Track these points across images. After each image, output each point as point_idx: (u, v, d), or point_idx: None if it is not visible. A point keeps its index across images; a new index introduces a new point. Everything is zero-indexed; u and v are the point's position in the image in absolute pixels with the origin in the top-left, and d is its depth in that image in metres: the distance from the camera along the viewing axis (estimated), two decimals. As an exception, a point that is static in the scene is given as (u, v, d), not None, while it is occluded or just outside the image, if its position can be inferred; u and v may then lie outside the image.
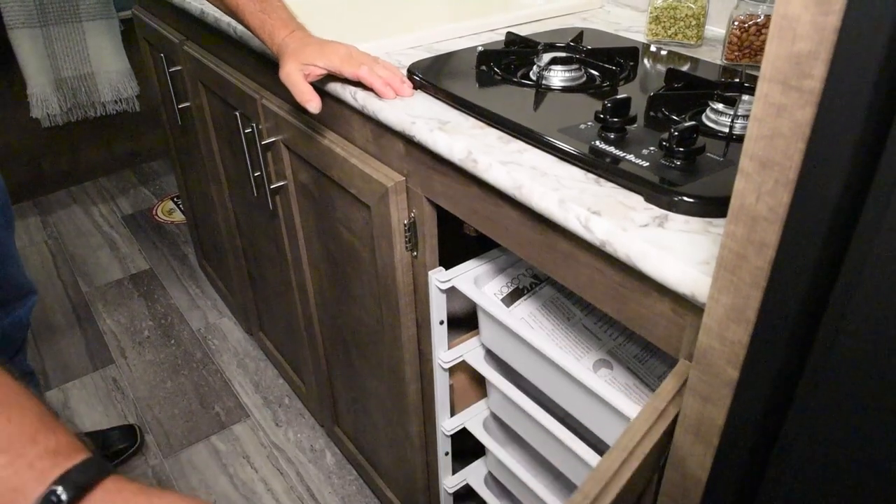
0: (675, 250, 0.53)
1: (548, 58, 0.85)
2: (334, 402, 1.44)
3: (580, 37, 0.97)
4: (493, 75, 0.87)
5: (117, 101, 2.57)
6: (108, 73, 2.50)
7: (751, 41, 0.90)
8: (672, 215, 0.58)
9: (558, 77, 0.84)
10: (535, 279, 0.91)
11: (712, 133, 0.70)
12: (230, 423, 1.67)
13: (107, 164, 2.78)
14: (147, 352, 1.89)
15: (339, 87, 0.89)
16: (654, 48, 0.99)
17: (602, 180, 0.64)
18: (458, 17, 1.39)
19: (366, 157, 0.92)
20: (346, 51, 0.85)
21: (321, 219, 1.10)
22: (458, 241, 0.95)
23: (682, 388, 0.53)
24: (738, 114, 0.70)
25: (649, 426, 0.53)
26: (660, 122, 0.73)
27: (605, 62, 0.88)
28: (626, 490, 0.50)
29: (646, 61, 0.94)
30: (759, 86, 0.37)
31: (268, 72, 1.11)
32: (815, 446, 0.43)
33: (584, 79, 0.86)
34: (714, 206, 0.58)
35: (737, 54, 0.91)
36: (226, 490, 1.50)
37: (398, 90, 0.83)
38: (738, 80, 0.79)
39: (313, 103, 0.83)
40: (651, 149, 0.66)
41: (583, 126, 0.71)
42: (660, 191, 0.59)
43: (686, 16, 0.98)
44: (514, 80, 0.85)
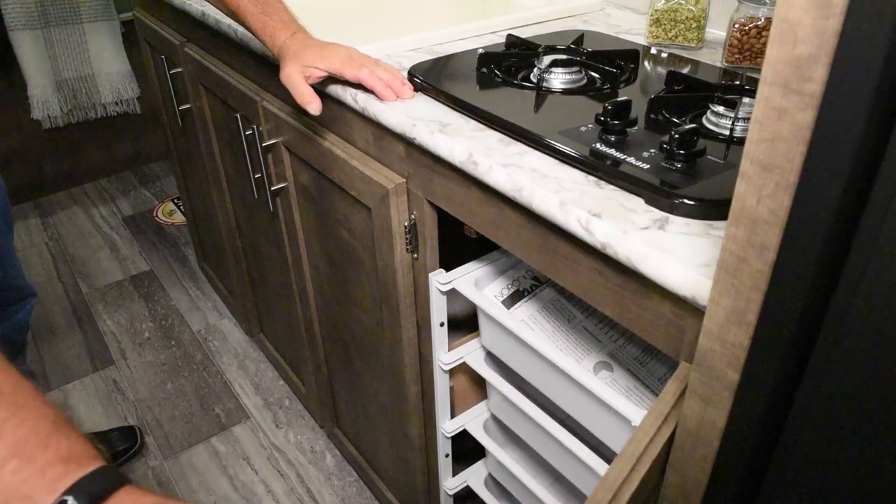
0: (676, 253, 0.53)
1: (548, 60, 0.85)
2: (334, 404, 1.44)
3: (581, 39, 0.97)
4: (493, 77, 0.87)
5: (118, 103, 2.58)
6: (109, 74, 2.50)
7: (751, 44, 0.90)
8: (673, 218, 0.58)
9: (559, 79, 0.84)
10: (535, 281, 0.91)
11: (713, 136, 0.70)
12: (230, 424, 1.67)
13: (107, 165, 2.78)
14: (147, 353, 1.89)
15: (339, 90, 0.89)
16: (654, 50, 0.99)
17: (603, 183, 0.64)
18: (458, 20, 1.39)
19: (366, 158, 0.92)
20: (346, 53, 0.85)
21: (322, 220, 1.11)
22: (459, 242, 0.95)
23: (684, 392, 0.53)
24: (739, 116, 0.70)
25: (655, 431, 0.53)
26: (660, 124, 0.73)
27: (605, 64, 0.88)
28: (634, 497, 0.50)
29: (646, 64, 0.94)
30: (760, 89, 0.37)
31: (268, 74, 1.12)
32: (816, 449, 0.43)
33: (585, 81, 0.86)
34: (715, 208, 0.58)
35: (737, 57, 0.91)
36: (226, 492, 1.50)
37: (399, 92, 0.83)
38: (738, 82, 0.80)
39: (314, 105, 0.83)
40: (652, 151, 0.66)
41: (583, 128, 0.71)
42: (660, 193, 0.59)
43: (686, 18, 0.98)
44: (515, 82, 0.85)
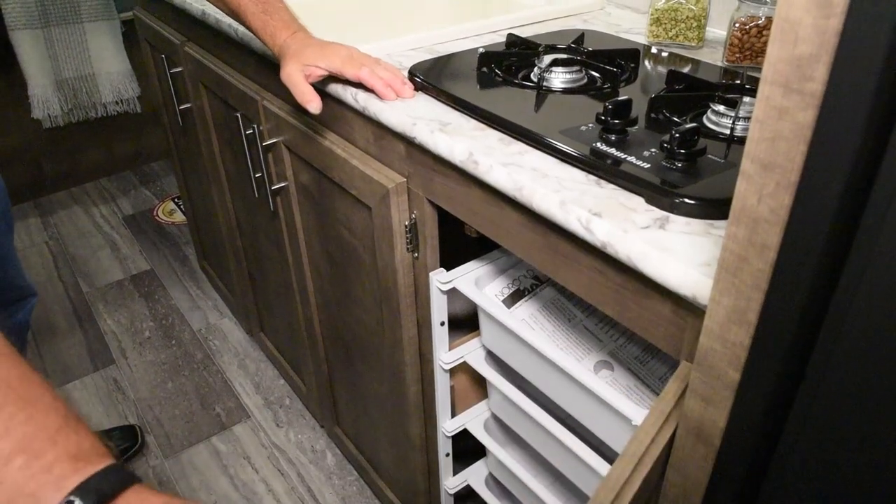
0: (676, 252, 0.53)
1: (549, 59, 0.85)
2: (335, 403, 1.44)
3: (581, 38, 0.97)
4: (494, 77, 0.87)
5: (118, 102, 2.58)
6: (110, 74, 2.50)
7: (752, 43, 0.90)
8: (673, 217, 0.58)
9: (559, 79, 0.84)
10: (535, 280, 0.91)
11: (713, 135, 0.70)
12: (231, 423, 1.67)
13: (108, 164, 2.78)
14: (148, 352, 1.89)
15: (339, 89, 0.89)
16: (654, 50, 0.99)
17: (603, 182, 0.64)
18: (459, 19, 1.39)
19: (367, 158, 0.92)
20: (347, 52, 0.85)
21: (322, 220, 1.11)
22: (459, 242, 0.95)
23: (685, 391, 0.53)
24: (740, 116, 0.70)
25: (656, 431, 0.53)
26: (661, 123, 0.73)
27: (606, 64, 0.88)
28: (637, 497, 0.50)
29: (647, 63, 0.94)
30: (761, 88, 0.37)
31: (269, 73, 1.12)
32: (816, 448, 0.43)
33: (585, 80, 0.86)
34: (715, 207, 0.58)
35: (738, 56, 0.91)
36: (226, 491, 1.50)
37: (399, 92, 0.83)
38: (739, 81, 0.80)
39: (314, 104, 0.83)
40: (652, 150, 0.66)
41: (584, 128, 0.71)
42: (661, 192, 0.59)
43: (687, 17, 0.98)
44: (515, 81, 0.85)
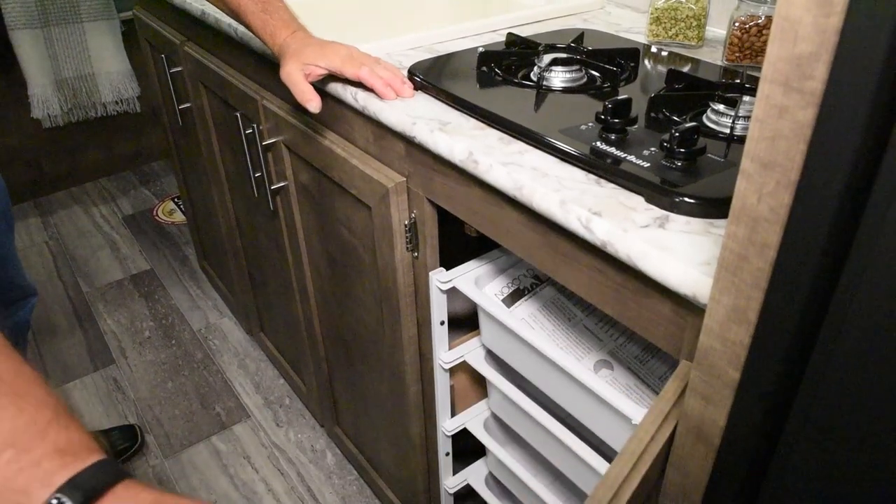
0: (676, 251, 0.53)
1: (548, 59, 0.85)
2: (335, 403, 1.44)
3: (581, 38, 0.97)
4: (493, 76, 0.87)
5: (118, 102, 2.58)
6: (109, 73, 2.50)
7: (752, 42, 0.90)
8: (673, 216, 0.58)
9: (559, 78, 0.84)
10: (535, 280, 0.91)
11: (713, 134, 0.70)
12: (231, 423, 1.67)
13: (107, 164, 2.78)
14: (148, 352, 1.89)
15: (339, 88, 0.89)
16: (654, 49, 0.99)
17: (603, 181, 0.64)
18: (458, 18, 1.39)
19: (366, 157, 0.92)
20: (347, 51, 0.85)
21: (322, 219, 1.11)
22: (459, 241, 0.95)
23: (684, 390, 0.53)
24: (740, 115, 0.70)
25: (656, 430, 0.53)
26: (661, 123, 0.73)
27: (605, 63, 0.88)
28: (635, 495, 0.50)
29: (646, 62, 0.94)
30: (761, 87, 0.37)
31: (268, 72, 1.11)
32: (816, 447, 0.43)
33: (585, 80, 0.86)
34: (715, 207, 0.58)
35: (738, 55, 0.91)
36: (226, 490, 1.50)
37: (399, 91, 0.83)
38: (738, 81, 0.79)
39: (314, 103, 0.83)
40: (652, 150, 0.66)
41: (584, 127, 0.71)
42: (661, 192, 0.59)
43: (687, 17, 0.98)
44: (515, 80, 0.85)
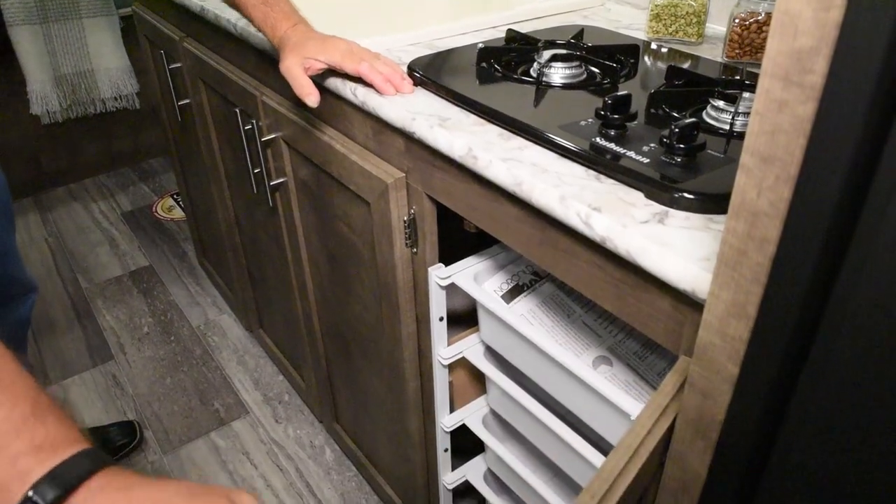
0: (676, 247, 0.53)
1: (548, 55, 0.85)
2: (334, 399, 1.44)
3: (581, 34, 0.97)
4: (493, 72, 0.87)
5: (117, 98, 2.57)
6: (108, 69, 2.50)
7: (752, 39, 0.90)
8: (672, 212, 0.58)
9: (559, 74, 0.84)
10: (534, 276, 0.91)
11: (713, 130, 0.70)
12: (230, 419, 1.67)
13: (106, 161, 2.78)
14: (147, 348, 1.89)
15: (339, 83, 0.89)
16: (654, 46, 0.99)
17: (602, 177, 0.64)
18: (458, 15, 1.39)
19: (366, 153, 0.92)
20: (347, 46, 0.85)
21: (321, 215, 1.10)
22: (458, 237, 0.95)
23: (683, 385, 0.53)
24: (739, 111, 0.70)
25: (653, 424, 0.53)
26: (660, 119, 0.73)
27: (605, 59, 0.88)
28: (631, 488, 0.50)
29: (646, 59, 0.94)
30: (761, 81, 0.37)
31: (268, 68, 1.11)
32: (816, 442, 0.43)
33: (585, 76, 0.86)
34: (715, 202, 0.58)
35: (737, 52, 0.91)
36: (227, 486, 1.50)
37: (398, 87, 0.83)
38: (738, 77, 0.80)
39: (312, 97, 0.84)
40: (652, 145, 0.66)
41: (583, 123, 0.71)
42: (660, 187, 0.59)
43: (687, 13, 0.98)
44: (515, 77, 0.85)
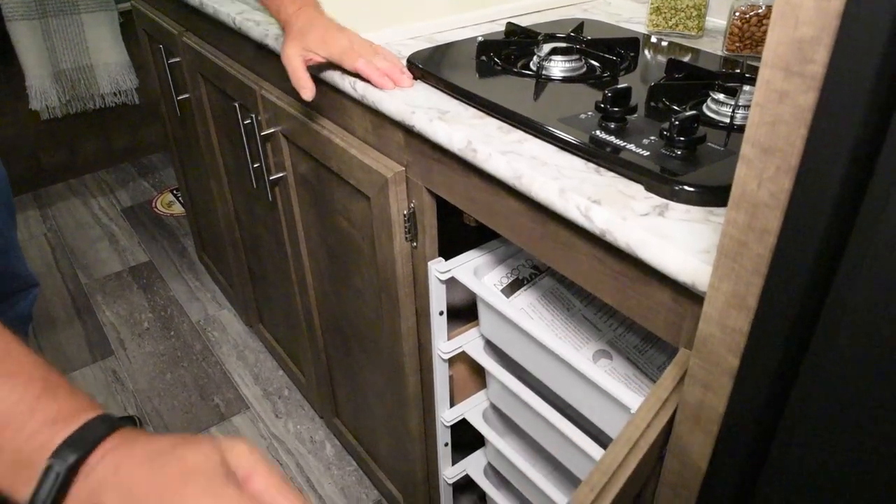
0: (676, 239, 0.53)
1: (548, 48, 0.85)
2: (334, 394, 1.44)
3: (580, 27, 0.96)
4: (493, 66, 0.86)
5: (116, 94, 2.57)
6: (107, 65, 2.49)
7: (752, 32, 0.89)
8: (672, 204, 0.58)
9: (558, 67, 0.83)
10: (534, 270, 0.91)
11: (713, 123, 0.70)
12: (230, 414, 1.67)
13: (106, 156, 2.77)
14: (147, 344, 1.89)
15: (337, 77, 0.88)
16: (654, 39, 0.99)
17: (602, 170, 0.64)
18: (458, 8, 1.38)
19: (365, 147, 0.92)
20: (348, 42, 0.85)
21: (321, 210, 1.10)
22: (458, 231, 0.95)
23: (683, 377, 0.53)
24: (739, 104, 0.69)
25: (652, 416, 0.53)
26: (660, 112, 0.73)
27: (605, 53, 0.88)
28: (631, 481, 0.50)
29: (646, 52, 0.94)
30: (762, 72, 0.37)
31: (267, 62, 1.11)
32: (816, 434, 0.43)
33: (585, 69, 0.85)
34: (715, 195, 0.58)
35: (738, 45, 0.91)
36: (226, 481, 1.51)
37: (397, 81, 0.83)
38: (738, 70, 0.79)
39: (307, 91, 0.86)
40: (652, 138, 0.66)
41: (583, 116, 0.71)
42: (660, 180, 0.59)
43: (687, 6, 0.98)
44: (515, 70, 0.85)
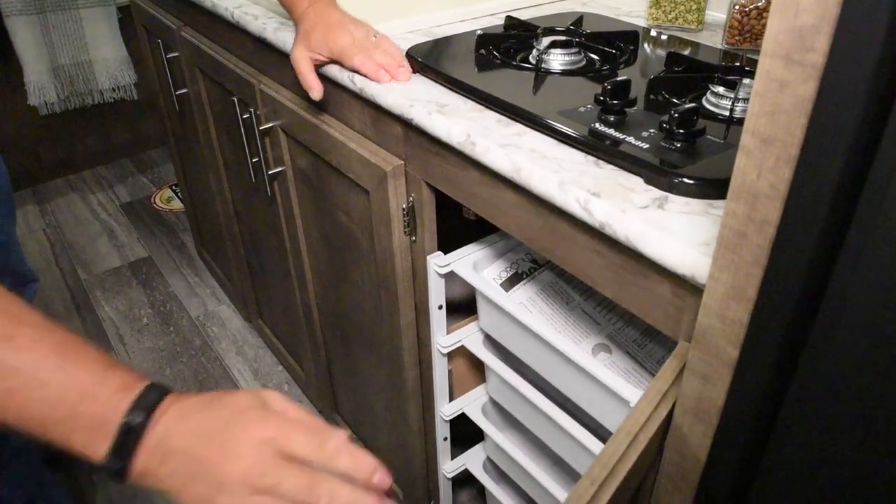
0: (675, 231, 0.53)
1: (547, 41, 0.85)
2: (333, 389, 1.44)
3: (580, 21, 0.96)
4: (492, 59, 0.86)
5: (115, 89, 2.56)
6: (106, 60, 2.49)
7: (752, 25, 0.89)
8: (672, 197, 0.58)
9: (558, 60, 0.83)
10: (534, 264, 0.91)
11: (713, 116, 0.69)
12: (229, 410, 1.67)
13: (105, 152, 2.77)
14: (146, 339, 1.89)
15: (336, 71, 0.88)
16: (654, 33, 0.99)
17: (602, 162, 0.64)
18: (457, 2, 1.38)
19: (364, 141, 0.92)
20: (349, 39, 0.85)
21: (320, 205, 1.10)
22: (457, 225, 0.94)
23: (683, 370, 0.53)
24: (739, 97, 0.69)
25: (652, 409, 0.53)
26: (660, 105, 0.72)
27: (604, 46, 0.87)
28: (631, 474, 0.50)
29: (646, 46, 0.93)
30: (761, 61, 0.37)
31: (266, 56, 1.11)
32: (815, 426, 0.43)
33: (584, 62, 0.85)
34: (714, 187, 0.57)
35: (737, 39, 0.91)
36: (225, 477, 1.51)
37: (394, 74, 0.83)
38: (738, 64, 0.79)
39: (314, 91, 0.89)
40: (651, 131, 0.65)
41: (582, 109, 0.71)
42: (660, 172, 0.59)
43: (686, 0, 0.98)
44: (514, 63, 0.84)
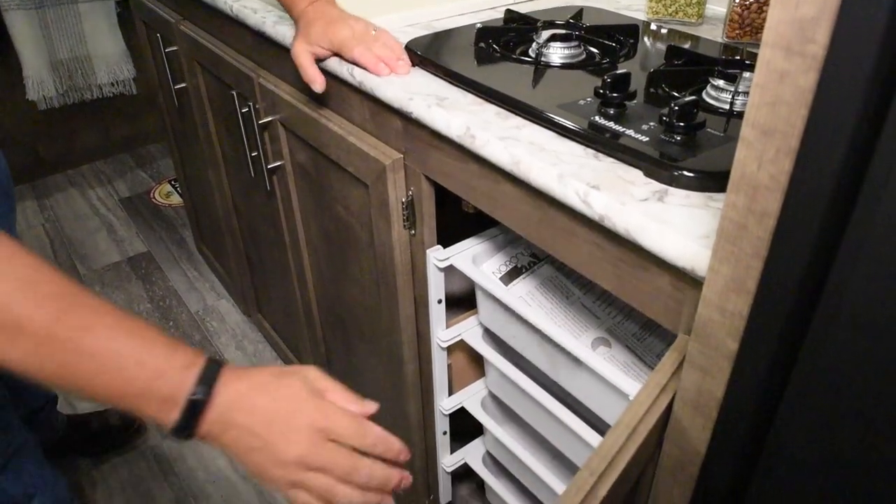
0: (675, 224, 0.53)
1: (547, 35, 0.84)
2: (333, 384, 1.44)
3: (580, 14, 0.96)
4: (491, 52, 0.86)
5: (114, 84, 2.56)
6: (105, 55, 2.48)
7: (752, 19, 0.89)
8: (672, 190, 0.58)
9: (557, 54, 0.83)
10: (533, 258, 0.91)
11: (713, 109, 0.69)
12: (229, 404, 1.67)
13: (104, 147, 2.76)
14: (145, 334, 1.89)
15: (335, 64, 0.88)
16: (654, 26, 0.98)
17: (601, 155, 0.63)
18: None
19: (363, 134, 0.91)
20: (349, 32, 0.85)
21: (319, 199, 1.10)
22: (457, 219, 0.94)
23: (682, 363, 0.53)
24: (739, 90, 0.69)
25: (652, 402, 0.53)
26: (660, 98, 0.72)
27: (604, 39, 0.87)
28: (630, 466, 0.50)
29: (646, 39, 0.93)
30: (762, 53, 0.37)
31: (265, 50, 1.10)
32: (814, 418, 0.43)
33: (584, 56, 0.85)
34: (714, 180, 0.57)
35: (738, 32, 0.90)
36: (224, 471, 1.51)
37: (393, 68, 0.83)
38: (738, 57, 0.79)
39: (316, 84, 0.88)
40: (651, 124, 0.65)
41: (582, 102, 0.71)
42: (660, 165, 0.59)
43: (687, -7, 0.97)
44: (513, 57, 0.84)
